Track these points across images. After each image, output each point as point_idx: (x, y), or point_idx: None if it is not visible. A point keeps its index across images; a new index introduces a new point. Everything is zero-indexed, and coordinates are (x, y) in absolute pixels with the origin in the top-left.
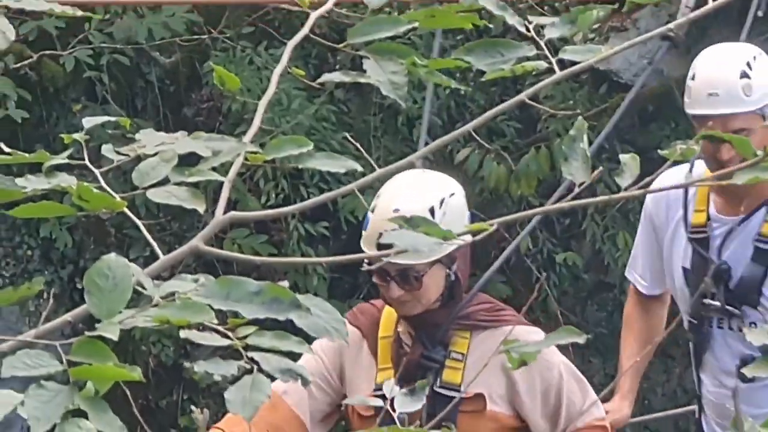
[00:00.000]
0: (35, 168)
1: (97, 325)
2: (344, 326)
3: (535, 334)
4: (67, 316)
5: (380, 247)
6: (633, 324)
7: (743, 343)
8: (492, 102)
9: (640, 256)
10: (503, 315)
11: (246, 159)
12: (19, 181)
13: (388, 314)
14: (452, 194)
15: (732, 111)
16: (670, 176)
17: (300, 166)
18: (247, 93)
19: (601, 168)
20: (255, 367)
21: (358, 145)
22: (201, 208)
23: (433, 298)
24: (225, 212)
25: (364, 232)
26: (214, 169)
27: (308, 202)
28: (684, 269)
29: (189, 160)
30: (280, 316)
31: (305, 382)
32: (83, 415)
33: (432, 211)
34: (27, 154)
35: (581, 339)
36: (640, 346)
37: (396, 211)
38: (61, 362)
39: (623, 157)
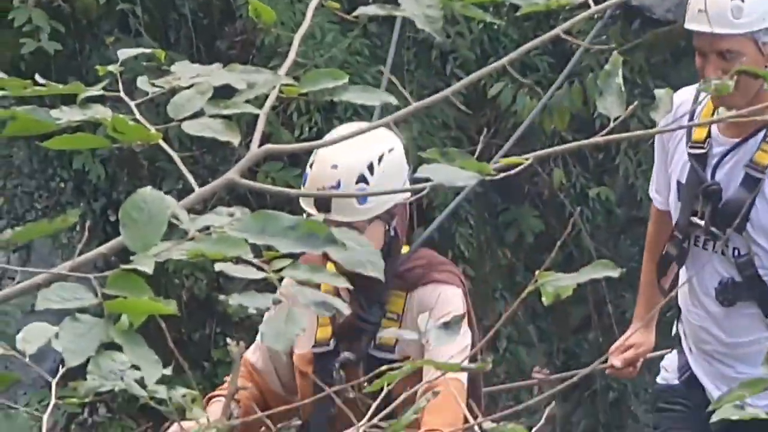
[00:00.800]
0: (68, 100)
1: (132, 258)
2: (380, 259)
3: (452, 296)
4: (102, 249)
5: (318, 202)
6: (653, 248)
7: (724, 266)
8: (525, 37)
9: (656, 173)
10: (434, 272)
11: (281, 92)
12: (53, 112)
13: (329, 268)
14: (391, 149)
15: (718, 31)
16: (684, 93)
17: (335, 99)
18: (280, 26)
19: (636, 103)
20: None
21: (393, 78)
22: (236, 141)
23: (375, 244)
24: (260, 145)
25: (303, 188)
26: (248, 101)
27: (342, 135)
28: (678, 183)
29: (223, 93)
30: (315, 251)
31: (341, 315)
32: (118, 348)
33: (371, 167)
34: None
35: (615, 273)
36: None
37: (334, 167)
38: (96, 295)
39: (658, 92)
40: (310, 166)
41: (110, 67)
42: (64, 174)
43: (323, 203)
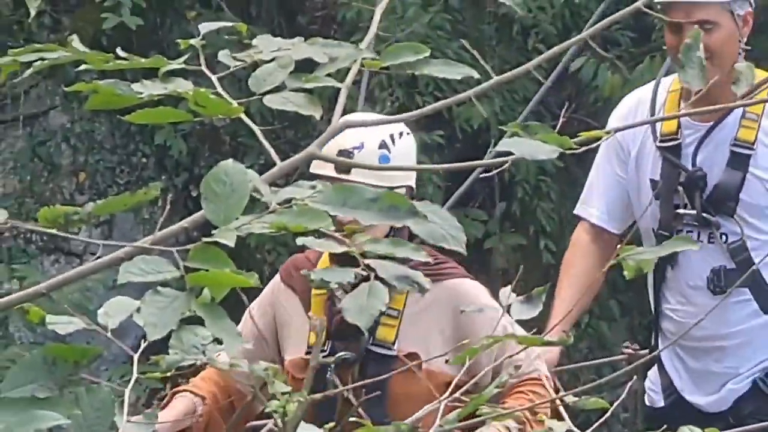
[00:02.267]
0: (150, 74)
1: (213, 232)
2: (462, 233)
3: (478, 288)
4: (184, 223)
5: (338, 163)
6: (571, 268)
7: (713, 255)
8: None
9: (595, 188)
10: (443, 269)
11: (362, 65)
12: (135, 86)
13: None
14: (408, 132)
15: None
16: (640, 92)
17: (416, 73)
18: (361, 0)
19: (717, 77)
20: (372, 274)
21: (475, 53)
22: (317, 114)
23: (380, 235)
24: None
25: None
26: (330, 75)
27: (423, 110)
28: (652, 181)
29: (305, 67)
30: (397, 223)
31: (423, 290)
32: (200, 321)
33: (392, 136)
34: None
35: (695, 246)
36: (577, 291)
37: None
38: (178, 268)
39: (738, 66)
40: None
41: (192, 41)
42: (146, 149)
43: (343, 165)
